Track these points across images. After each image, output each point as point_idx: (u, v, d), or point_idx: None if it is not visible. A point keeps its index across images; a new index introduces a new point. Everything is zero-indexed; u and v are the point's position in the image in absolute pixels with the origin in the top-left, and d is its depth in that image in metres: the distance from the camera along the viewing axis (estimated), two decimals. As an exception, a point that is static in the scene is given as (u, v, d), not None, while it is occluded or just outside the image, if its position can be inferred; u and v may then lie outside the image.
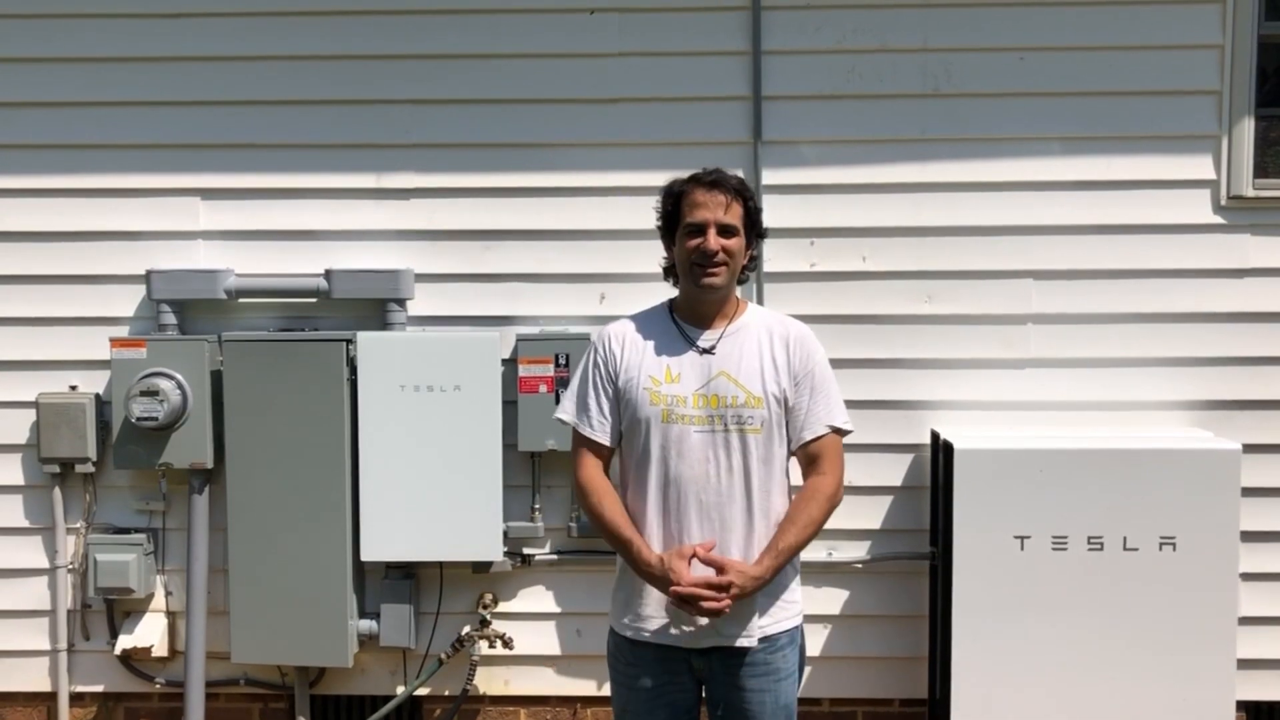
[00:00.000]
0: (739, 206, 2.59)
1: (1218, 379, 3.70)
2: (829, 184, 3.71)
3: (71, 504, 3.85)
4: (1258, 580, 3.67)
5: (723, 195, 2.57)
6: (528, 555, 3.79)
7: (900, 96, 3.68)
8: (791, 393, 2.61)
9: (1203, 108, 3.65)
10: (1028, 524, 3.40)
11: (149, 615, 3.85)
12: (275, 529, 3.66)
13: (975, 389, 3.72)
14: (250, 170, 3.78)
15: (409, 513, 3.65)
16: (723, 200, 2.57)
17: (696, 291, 2.61)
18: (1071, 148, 3.67)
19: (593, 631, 3.79)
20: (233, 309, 3.80)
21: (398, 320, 3.71)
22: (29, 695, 3.94)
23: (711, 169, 2.64)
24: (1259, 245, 3.67)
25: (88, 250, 3.81)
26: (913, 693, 3.81)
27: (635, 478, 2.63)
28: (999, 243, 3.70)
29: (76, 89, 3.77)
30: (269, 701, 3.94)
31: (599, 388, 2.65)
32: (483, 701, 3.89)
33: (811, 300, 3.71)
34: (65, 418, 3.73)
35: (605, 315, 3.72)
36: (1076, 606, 3.40)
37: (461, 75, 3.73)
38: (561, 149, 3.74)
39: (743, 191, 2.61)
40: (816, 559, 3.71)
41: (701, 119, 3.70)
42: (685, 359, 2.61)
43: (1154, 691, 3.41)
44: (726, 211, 2.57)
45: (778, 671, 2.61)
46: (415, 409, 3.63)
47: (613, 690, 2.75)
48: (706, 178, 2.61)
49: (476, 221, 3.77)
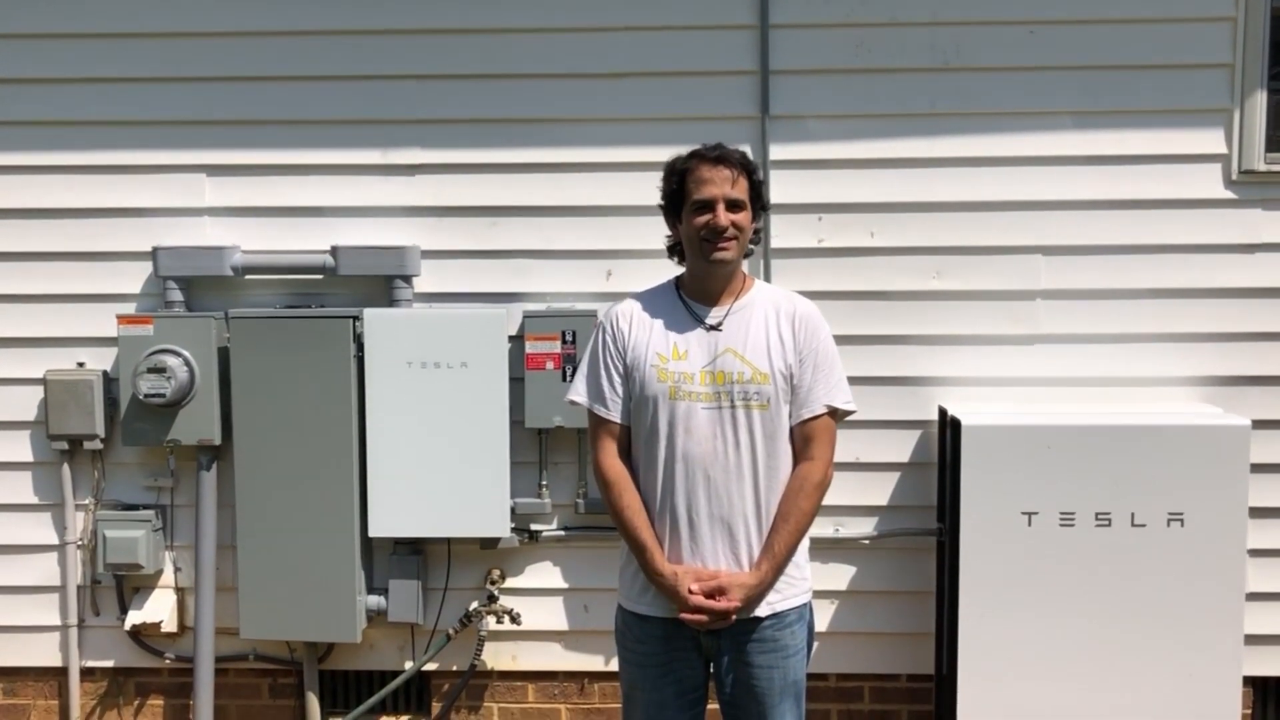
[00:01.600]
0: (744, 180, 2.59)
1: (1227, 354, 3.68)
2: (837, 159, 3.68)
3: (80, 481, 3.86)
4: (1265, 556, 3.66)
5: (728, 170, 2.56)
6: (535, 531, 3.80)
7: (909, 71, 3.66)
8: (797, 370, 2.60)
9: (1215, 81, 3.62)
10: (1035, 500, 3.40)
11: (158, 591, 3.87)
12: (283, 505, 3.67)
13: (983, 365, 3.71)
14: (256, 146, 3.76)
15: (416, 489, 3.65)
16: (728, 175, 2.56)
17: (705, 268, 2.60)
18: (1082, 122, 3.64)
19: (600, 607, 3.80)
20: (239, 286, 3.80)
21: (404, 297, 3.71)
22: (40, 670, 3.97)
23: (713, 144, 2.62)
24: (1270, 220, 3.64)
25: (94, 227, 3.80)
26: (919, 668, 3.82)
27: (644, 454, 2.63)
28: (1008, 218, 3.68)
29: (81, 65, 3.76)
30: (278, 677, 3.96)
31: (610, 367, 2.65)
32: (490, 676, 3.91)
33: (820, 276, 3.69)
34: (73, 395, 3.74)
35: (612, 292, 3.71)
36: (1084, 582, 3.40)
37: (467, 50, 3.71)
38: (568, 124, 3.72)
39: (747, 165, 2.61)
40: (824, 535, 3.72)
41: (709, 94, 3.68)
42: (692, 336, 2.61)
43: (1161, 667, 3.41)
44: (733, 186, 2.56)
45: (786, 648, 2.62)
46: (422, 386, 3.63)
47: (621, 667, 2.75)
48: (710, 153, 2.59)
49: (483, 197, 3.75)
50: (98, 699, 3.97)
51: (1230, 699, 3.42)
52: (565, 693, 3.91)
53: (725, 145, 2.62)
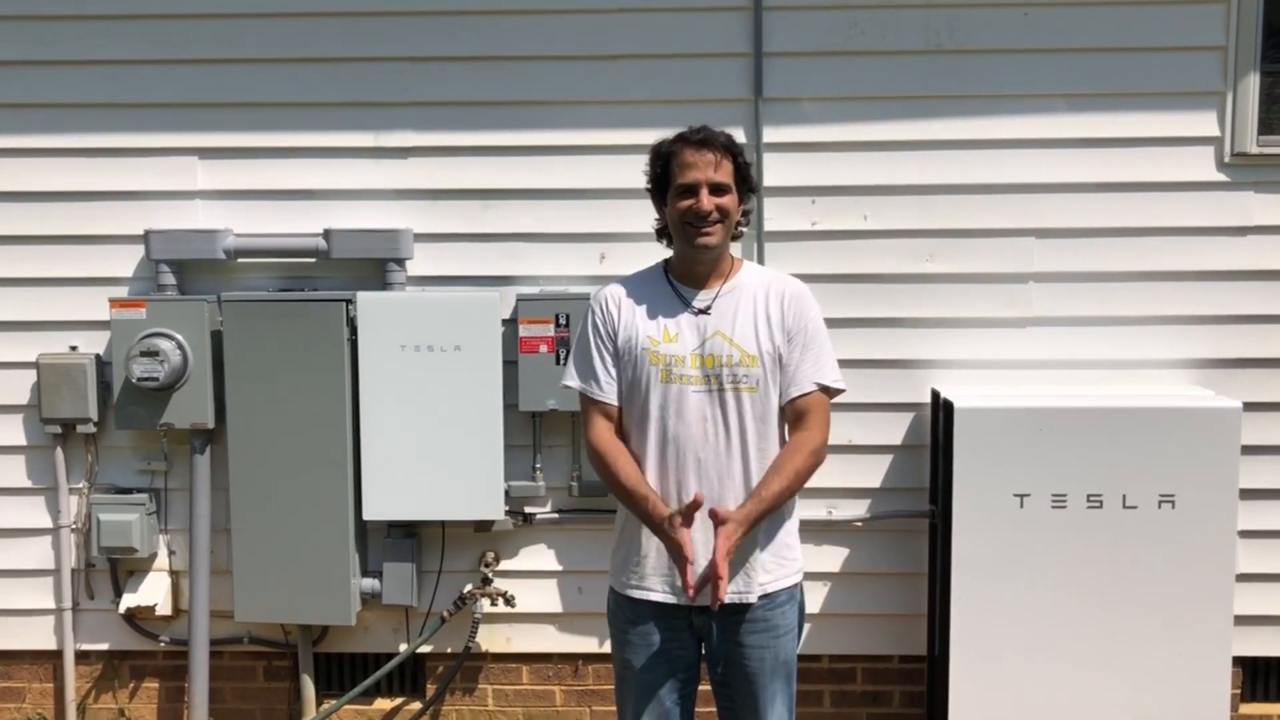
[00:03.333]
0: (729, 163, 2.57)
1: (1219, 337, 3.69)
2: (830, 142, 3.68)
3: (74, 464, 3.86)
4: (1256, 538, 3.68)
5: (712, 154, 2.55)
6: (529, 514, 3.81)
7: (903, 53, 3.65)
8: (785, 349, 2.60)
9: (1208, 63, 3.61)
10: (1027, 482, 3.41)
11: (152, 574, 3.88)
12: (277, 489, 3.68)
13: (976, 348, 3.72)
14: (248, 129, 3.75)
15: (410, 472, 3.66)
16: (712, 159, 2.54)
17: (691, 252, 2.60)
18: (1075, 104, 3.64)
19: (594, 589, 3.81)
20: (232, 269, 3.79)
21: (397, 280, 3.70)
22: (35, 654, 3.97)
23: (698, 127, 2.60)
24: (1262, 203, 3.65)
25: (86, 210, 3.79)
26: (911, 649, 3.84)
27: (635, 437, 2.63)
28: (1001, 201, 3.68)
29: (73, 47, 3.74)
30: (272, 659, 3.97)
31: (601, 348, 2.65)
32: (485, 659, 3.93)
33: (813, 259, 3.69)
34: (66, 378, 3.74)
35: (605, 275, 3.70)
36: (1075, 564, 3.42)
37: (460, 32, 3.69)
38: (561, 106, 3.71)
39: (731, 148, 2.59)
40: (817, 517, 3.73)
41: (702, 76, 3.67)
42: (681, 319, 2.61)
43: (1151, 647, 3.43)
44: (717, 170, 2.54)
45: (777, 628, 2.63)
46: (416, 369, 3.63)
47: (613, 649, 2.76)
48: (694, 137, 2.58)
49: (476, 180, 3.74)
50: (93, 682, 3.98)
51: (1220, 679, 3.45)
52: (559, 674, 3.93)
53: (711, 128, 2.60)
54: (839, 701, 3.91)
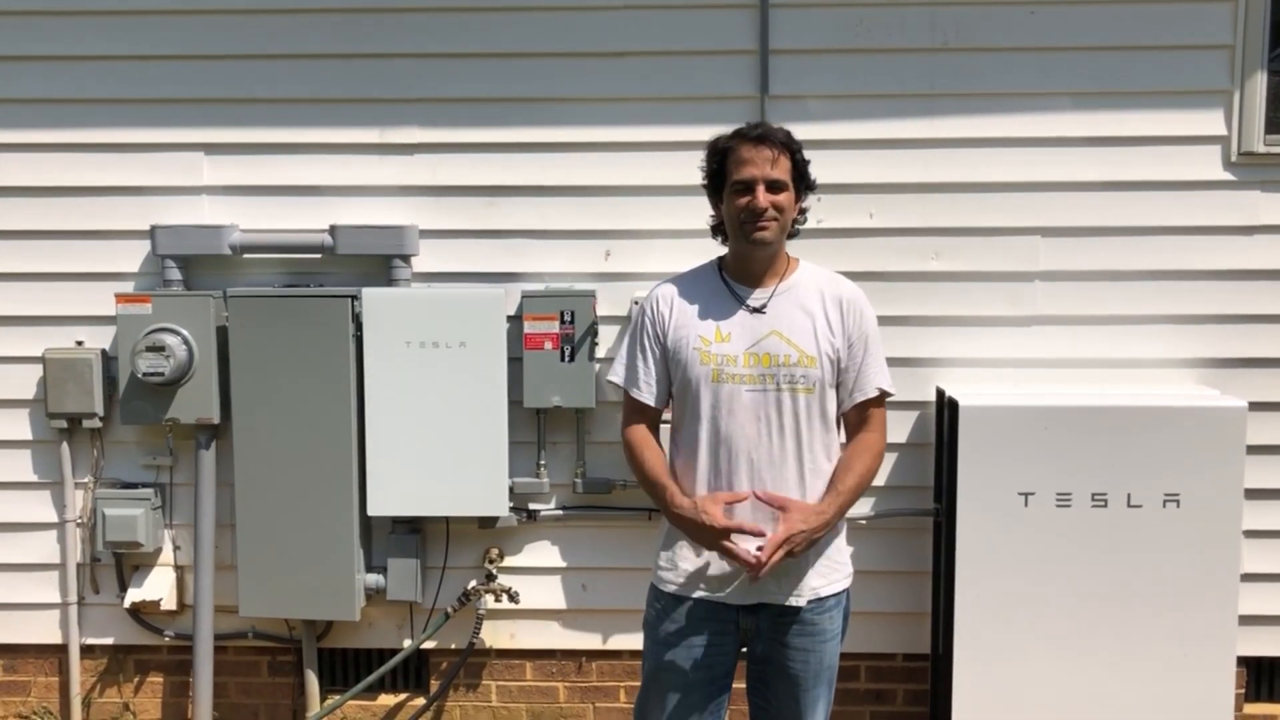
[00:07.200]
0: (786, 160, 2.55)
1: (1225, 337, 3.69)
2: (836, 139, 3.67)
3: (79, 459, 3.87)
4: (1261, 537, 3.68)
5: (769, 150, 2.53)
6: (533, 511, 3.81)
7: (909, 51, 3.64)
8: (845, 354, 2.60)
9: (1215, 62, 3.61)
10: (1032, 481, 3.41)
11: (157, 569, 3.89)
12: (282, 484, 3.68)
13: (981, 346, 3.71)
14: (253, 125, 3.75)
15: (415, 468, 3.66)
16: (769, 155, 2.52)
17: (747, 249, 2.58)
18: (1081, 103, 3.63)
19: (598, 586, 3.82)
20: (237, 265, 3.79)
21: (403, 277, 3.71)
22: (40, 647, 3.98)
23: (756, 122, 2.59)
24: (1269, 202, 3.64)
25: (92, 205, 3.80)
26: (915, 648, 3.84)
27: (686, 438, 2.62)
28: (1007, 199, 3.68)
29: (79, 43, 3.74)
30: (277, 654, 3.98)
31: (648, 350, 2.65)
32: (489, 655, 3.93)
33: (819, 257, 3.62)
34: (72, 373, 3.74)
35: (610, 272, 3.71)
36: (1079, 563, 3.41)
37: (466, 28, 3.69)
38: (567, 104, 3.71)
39: (790, 144, 2.57)
40: (821, 515, 3.72)
41: (708, 73, 3.67)
42: (735, 319, 2.59)
43: (1156, 647, 3.43)
44: (774, 166, 2.53)
45: (824, 633, 2.62)
46: (421, 365, 3.63)
47: (646, 648, 2.72)
48: (752, 132, 2.56)
49: (481, 177, 3.75)
50: (97, 676, 3.99)
51: (1224, 679, 3.44)
52: (563, 671, 3.93)
53: (769, 124, 2.59)
54: (842, 699, 3.88)
